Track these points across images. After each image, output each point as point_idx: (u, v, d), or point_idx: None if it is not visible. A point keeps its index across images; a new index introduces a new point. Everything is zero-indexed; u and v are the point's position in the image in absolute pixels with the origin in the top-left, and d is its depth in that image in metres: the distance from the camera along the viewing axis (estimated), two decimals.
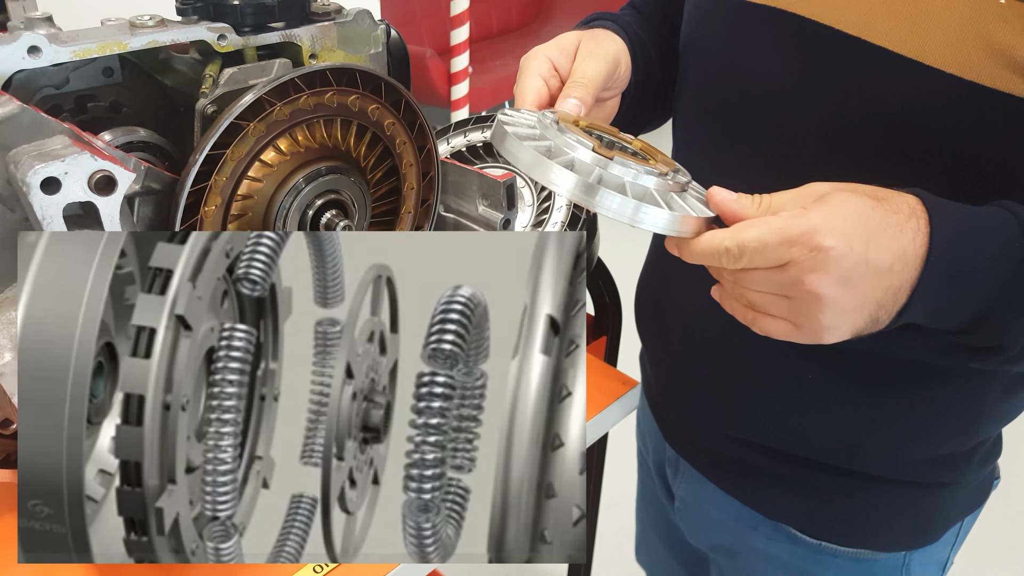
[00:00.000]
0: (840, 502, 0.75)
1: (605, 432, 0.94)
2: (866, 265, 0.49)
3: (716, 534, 0.86)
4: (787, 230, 0.48)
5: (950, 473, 0.73)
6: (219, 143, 0.60)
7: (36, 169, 0.48)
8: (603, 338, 1.00)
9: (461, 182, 0.81)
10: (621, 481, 1.36)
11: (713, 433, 0.80)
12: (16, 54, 0.56)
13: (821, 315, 0.50)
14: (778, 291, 0.50)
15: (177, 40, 0.62)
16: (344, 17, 0.72)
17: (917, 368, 0.66)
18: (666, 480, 0.93)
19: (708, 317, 0.75)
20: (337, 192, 0.69)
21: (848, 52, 0.58)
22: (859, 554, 0.76)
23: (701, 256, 0.51)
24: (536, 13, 4.75)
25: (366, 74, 0.67)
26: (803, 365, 0.70)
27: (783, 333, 0.52)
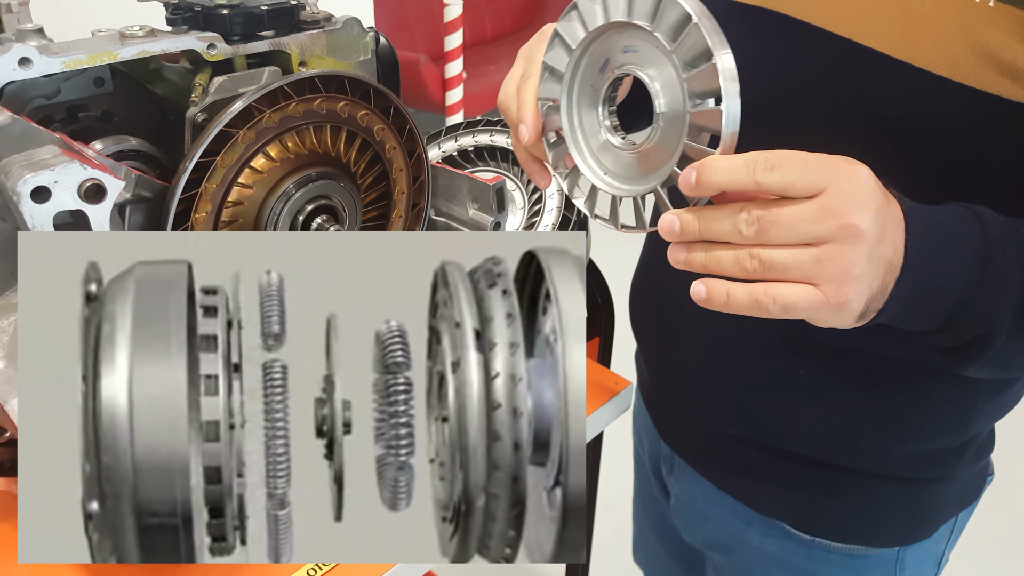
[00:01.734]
0: (833, 498, 0.76)
1: (599, 432, 0.95)
2: (888, 210, 0.47)
3: (711, 531, 0.87)
4: (825, 156, 0.45)
5: (942, 469, 0.73)
6: (209, 150, 0.61)
7: (26, 178, 0.48)
8: (596, 339, 1.00)
9: (451, 186, 0.82)
10: (618, 483, 1.36)
11: (706, 429, 0.81)
12: (7, 65, 0.56)
13: (856, 255, 0.45)
14: (809, 231, 0.45)
15: (167, 49, 0.63)
16: (333, 25, 0.73)
17: (908, 364, 0.66)
18: (662, 478, 0.93)
19: (700, 314, 0.75)
20: (327, 197, 0.69)
21: (840, 54, 0.58)
22: (853, 550, 0.77)
23: (728, 171, 0.45)
24: (530, 18, 4.76)
25: (355, 80, 0.68)
26: (795, 361, 0.70)
27: (807, 299, 0.46)
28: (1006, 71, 0.52)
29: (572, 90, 0.56)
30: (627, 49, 0.51)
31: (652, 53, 0.49)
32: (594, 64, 0.54)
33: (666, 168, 0.49)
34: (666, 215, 0.48)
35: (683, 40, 0.45)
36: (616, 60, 0.52)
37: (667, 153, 0.50)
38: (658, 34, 0.47)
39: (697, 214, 0.47)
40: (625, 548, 1.18)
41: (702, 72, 0.45)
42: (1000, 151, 0.55)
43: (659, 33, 0.47)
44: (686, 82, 0.46)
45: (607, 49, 0.53)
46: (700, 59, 0.45)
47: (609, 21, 0.50)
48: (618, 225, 0.55)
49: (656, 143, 0.50)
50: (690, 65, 0.46)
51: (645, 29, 0.48)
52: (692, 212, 0.48)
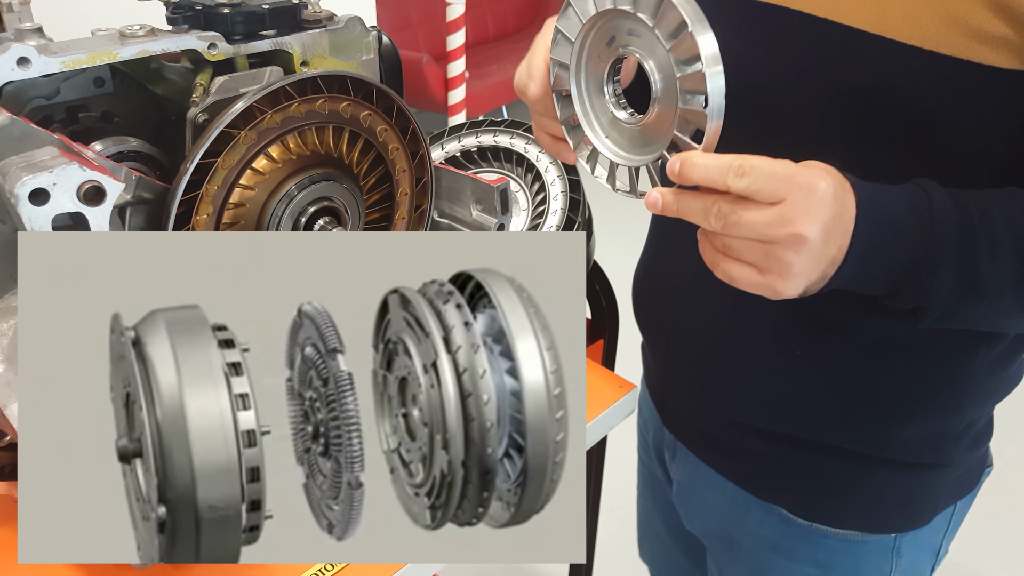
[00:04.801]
0: (830, 482, 0.76)
1: (604, 435, 0.94)
2: (838, 219, 0.54)
3: (710, 518, 0.87)
4: (791, 167, 0.52)
5: (939, 454, 0.74)
6: (210, 151, 0.60)
7: (24, 180, 0.48)
8: (600, 341, 0.99)
9: (455, 187, 0.81)
10: (621, 486, 1.36)
11: (706, 415, 0.81)
12: (5, 65, 0.55)
13: (797, 259, 0.53)
14: (763, 233, 0.52)
15: (167, 49, 0.62)
16: (335, 24, 0.72)
17: (902, 342, 0.68)
18: (665, 465, 0.94)
19: (701, 302, 0.77)
20: (330, 199, 0.69)
21: (817, 33, 0.61)
22: (849, 535, 0.77)
23: (705, 169, 0.52)
24: (532, 17, 4.76)
25: (357, 81, 0.67)
26: (792, 341, 0.71)
27: (745, 278, 0.55)
28: (974, 36, 0.55)
29: (581, 57, 0.62)
30: (631, 32, 0.57)
31: (652, 42, 0.55)
32: (601, 38, 0.61)
33: (657, 149, 0.57)
34: (652, 191, 0.56)
35: (679, 42, 0.52)
36: (621, 39, 0.59)
37: (659, 132, 0.57)
38: (658, 31, 0.53)
39: (677, 196, 0.55)
40: (629, 551, 1.17)
41: (693, 75, 0.52)
42: (974, 116, 0.58)
43: (659, 31, 0.53)
44: (670, 52, 0.53)
45: (613, 28, 0.59)
46: (691, 61, 0.52)
47: (616, 7, 0.56)
48: (614, 187, 0.63)
49: (653, 121, 0.58)
50: (683, 64, 0.52)
51: (646, 24, 0.54)
52: (674, 194, 0.55)
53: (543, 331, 0.59)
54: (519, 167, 1.00)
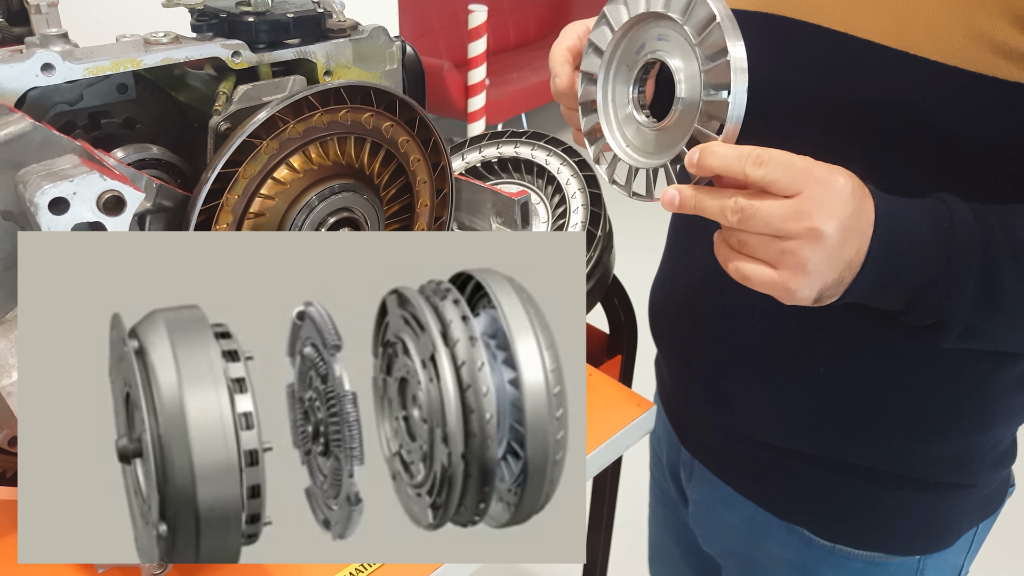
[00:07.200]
0: (853, 502, 0.75)
1: (620, 455, 0.93)
2: (856, 218, 0.53)
3: (729, 538, 0.86)
4: (810, 162, 0.52)
5: (964, 474, 0.73)
6: (232, 161, 0.60)
7: (44, 189, 0.47)
8: (618, 357, 0.98)
9: (475, 199, 0.80)
10: (633, 499, 1.34)
11: (727, 434, 0.80)
12: (30, 71, 0.55)
13: (813, 255, 0.52)
14: (779, 227, 0.52)
15: (191, 57, 0.62)
16: (360, 34, 0.71)
17: (925, 359, 0.67)
18: (680, 484, 0.93)
19: (722, 320, 0.76)
20: (350, 210, 0.68)
21: (836, 47, 0.61)
22: (873, 557, 0.76)
23: (724, 158, 0.52)
24: (554, 25, 4.76)
25: (381, 92, 0.66)
26: (816, 358, 0.70)
27: (759, 275, 0.54)
28: (999, 52, 0.54)
29: (611, 65, 0.64)
30: (661, 37, 0.59)
31: (680, 44, 0.57)
32: (632, 46, 0.63)
33: (677, 147, 0.57)
34: (670, 188, 0.56)
35: (706, 36, 0.53)
36: (650, 46, 0.60)
37: (680, 134, 0.58)
38: (687, 28, 0.55)
39: (695, 192, 0.55)
40: (640, 565, 1.16)
41: (718, 67, 0.53)
42: (996, 132, 0.57)
43: (688, 27, 0.55)
44: (704, 74, 0.54)
45: (643, 35, 0.61)
46: (718, 55, 0.53)
47: (649, 10, 0.58)
48: (630, 193, 0.64)
49: (674, 124, 0.59)
50: (709, 59, 0.54)
51: (676, 21, 0.56)
52: (692, 189, 0.55)
53: (543, 330, 0.59)
54: (539, 179, 0.99)
